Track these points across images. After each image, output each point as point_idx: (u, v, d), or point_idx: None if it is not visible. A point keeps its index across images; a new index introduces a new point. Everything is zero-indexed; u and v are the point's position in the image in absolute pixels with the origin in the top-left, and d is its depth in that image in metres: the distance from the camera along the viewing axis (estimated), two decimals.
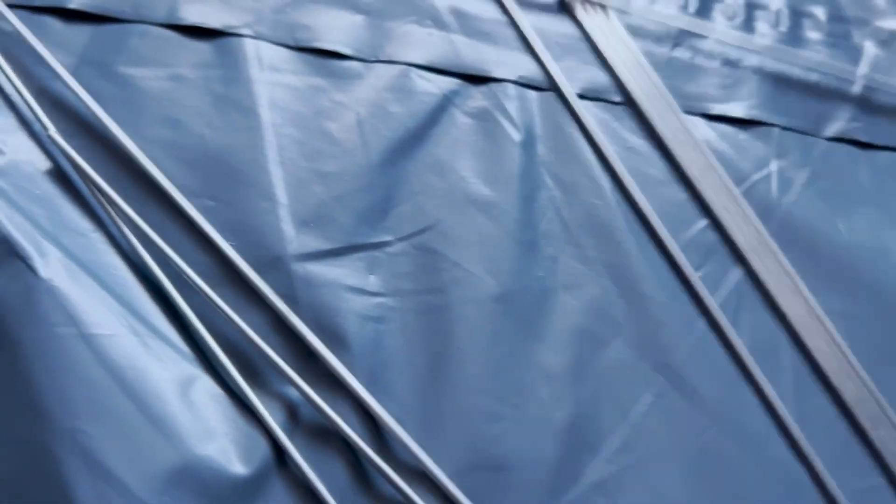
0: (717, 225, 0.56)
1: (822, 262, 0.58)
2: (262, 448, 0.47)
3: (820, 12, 0.65)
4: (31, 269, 0.48)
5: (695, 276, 0.54)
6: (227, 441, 0.46)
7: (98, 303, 0.48)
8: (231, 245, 0.51)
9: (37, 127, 0.54)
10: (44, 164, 0.53)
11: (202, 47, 0.58)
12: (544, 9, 0.63)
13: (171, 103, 0.55)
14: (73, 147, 0.53)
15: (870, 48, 0.66)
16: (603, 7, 0.61)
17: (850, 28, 0.67)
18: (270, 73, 0.57)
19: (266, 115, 0.56)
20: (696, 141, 0.58)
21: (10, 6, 0.58)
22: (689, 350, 0.52)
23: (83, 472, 0.42)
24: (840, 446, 0.53)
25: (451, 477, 0.47)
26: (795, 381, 0.53)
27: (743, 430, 0.51)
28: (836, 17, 0.67)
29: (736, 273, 0.56)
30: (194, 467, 0.44)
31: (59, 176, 0.53)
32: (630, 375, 0.51)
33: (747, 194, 0.58)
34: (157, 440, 0.45)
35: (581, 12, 0.61)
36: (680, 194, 0.58)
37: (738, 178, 0.58)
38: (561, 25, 0.62)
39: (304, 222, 0.53)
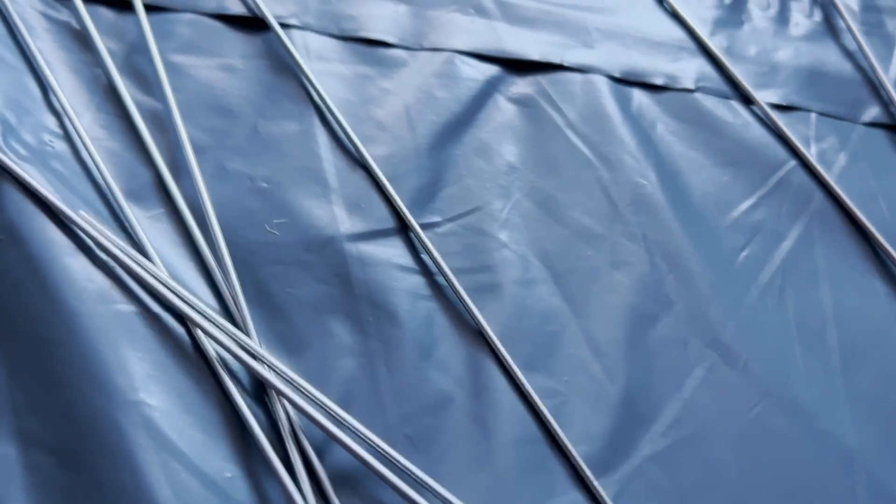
0: None
1: (867, 240, 0.58)
2: None
3: (853, 2, 0.66)
4: (91, 249, 0.48)
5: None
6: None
7: (154, 282, 0.49)
8: (283, 223, 0.52)
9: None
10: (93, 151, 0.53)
11: (250, 38, 0.59)
12: None
13: (223, 92, 0.56)
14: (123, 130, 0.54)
15: None
16: None
17: (882, 17, 0.68)
18: (318, 62, 0.58)
19: (316, 103, 0.57)
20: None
21: None
22: (738, 325, 0.53)
23: (148, 442, 0.43)
24: (888, 421, 0.53)
25: (503, 449, 0.47)
26: (842, 358, 0.54)
27: (793, 404, 0.51)
28: (870, 6, 0.68)
29: (781, 252, 0.56)
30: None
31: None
32: (681, 351, 0.51)
33: (790, 174, 0.59)
34: (214, 414, 0.46)
35: None
36: (723, 177, 0.58)
37: (781, 160, 0.59)
38: (601, 11, 0.64)
39: (356, 205, 0.54)
